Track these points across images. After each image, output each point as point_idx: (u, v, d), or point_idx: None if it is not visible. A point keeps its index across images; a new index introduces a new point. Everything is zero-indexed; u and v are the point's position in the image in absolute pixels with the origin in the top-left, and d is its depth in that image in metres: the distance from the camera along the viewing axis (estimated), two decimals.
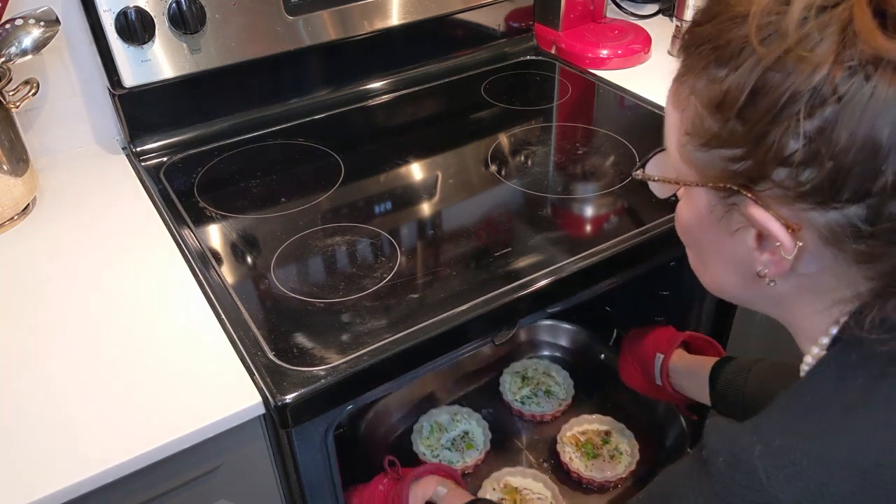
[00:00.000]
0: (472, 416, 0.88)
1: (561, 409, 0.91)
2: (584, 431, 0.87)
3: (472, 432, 0.87)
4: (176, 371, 0.55)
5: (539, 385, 0.94)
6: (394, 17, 0.90)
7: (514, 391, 0.93)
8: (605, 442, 0.86)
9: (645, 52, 1.04)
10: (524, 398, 0.92)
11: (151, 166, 0.82)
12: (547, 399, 0.92)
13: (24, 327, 0.60)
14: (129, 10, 0.73)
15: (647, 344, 0.79)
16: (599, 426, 0.88)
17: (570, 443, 0.85)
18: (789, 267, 0.36)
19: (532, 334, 1.01)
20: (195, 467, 0.54)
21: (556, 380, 0.95)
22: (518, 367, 0.97)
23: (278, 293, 0.62)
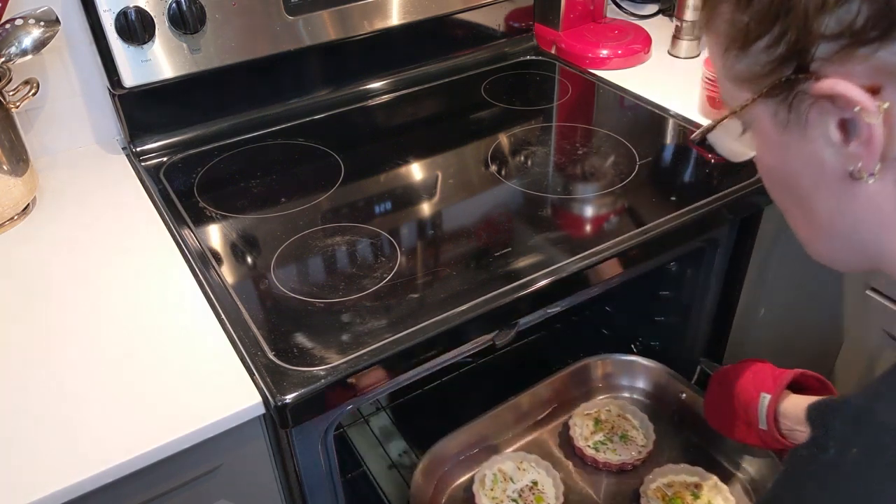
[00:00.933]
0: (541, 464, 0.78)
1: (641, 458, 0.80)
2: (671, 484, 0.76)
3: (542, 483, 0.77)
4: (176, 371, 0.55)
5: (614, 429, 0.83)
6: (394, 17, 0.90)
7: (587, 436, 0.82)
8: (696, 497, 0.75)
9: (645, 52, 1.04)
10: (598, 444, 0.81)
11: (151, 166, 0.82)
12: (624, 445, 0.81)
13: (24, 327, 0.60)
14: (129, 10, 0.73)
15: (746, 383, 0.68)
16: (687, 477, 0.76)
17: (656, 497, 0.74)
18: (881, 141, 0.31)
19: (603, 371, 0.91)
20: (195, 467, 0.54)
21: (633, 423, 0.84)
22: (589, 409, 0.85)
23: (278, 293, 0.62)
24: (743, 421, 0.69)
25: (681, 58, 1.04)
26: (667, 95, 0.93)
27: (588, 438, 0.82)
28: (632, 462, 0.79)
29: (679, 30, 1.03)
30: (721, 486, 0.75)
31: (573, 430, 0.83)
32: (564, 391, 0.87)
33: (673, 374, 0.86)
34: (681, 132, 0.86)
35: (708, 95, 0.87)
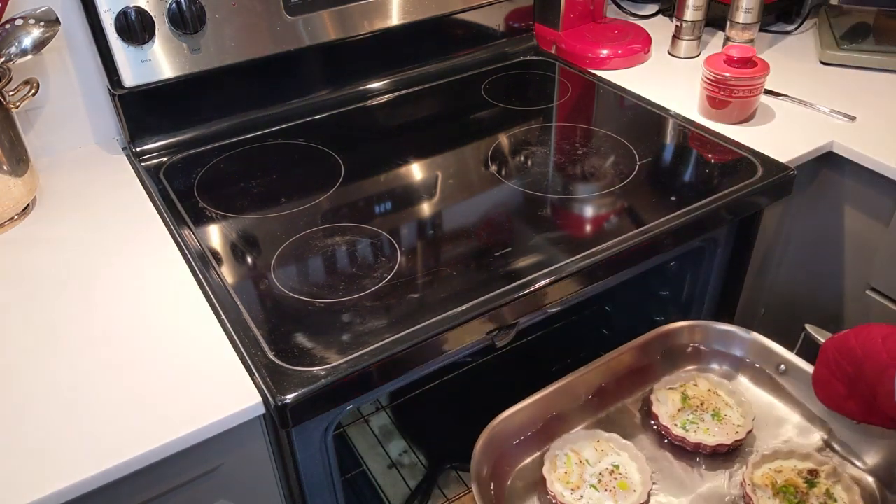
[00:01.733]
0: (621, 444, 0.67)
1: (740, 439, 0.68)
2: (779, 470, 0.64)
3: (625, 466, 0.66)
4: (176, 371, 0.55)
5: (704, 406, 0.71)
6: (394, 17, 0.90)
7: (673, 414, 0.71)
8: (811, 484, 0.63)
9: (645, 52, 1.04)
10: (686, 423, 0.70)
11: (151, 166, 0.83)
12: (718, 424, 0.69)
13: (24, 328, 0.60)
14: (129, 10, 0.73)
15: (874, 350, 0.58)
16: (798, 463, 0.65)
17: (764, 485, 0.63)
18: None
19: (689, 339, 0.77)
20: (195, 467, 0.55)
21: (726, 400, 0.72)
22: (673, 383, 0.74)
23: (278, 293, 0.62)
24: (866, 396, 0.59)
25: (681, 58, 1.04)
26: (667, 95, 0.93)
27: (675, 416, 0.70)
28: (729, 444, 0.67)
29: (679, 30, 1.03)
30: (841, 473, 0.63)
31: (656, 406, 0.71)
32: (643, 361, 0.75)
33: (771, 343, 0.74)
34: (681, 132, 0.86)
35: (708, 96, 0.87)
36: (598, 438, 0.68)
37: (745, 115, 0.87)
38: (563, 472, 0.65)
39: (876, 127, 0.84)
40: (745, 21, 0.98)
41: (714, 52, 0.92)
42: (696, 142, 0.84)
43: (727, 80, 0.84)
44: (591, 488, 0.64)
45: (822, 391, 0.65)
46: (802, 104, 0.90)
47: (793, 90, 0.92)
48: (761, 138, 0.83)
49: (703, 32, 1.04)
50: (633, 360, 0.75)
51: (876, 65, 0.97)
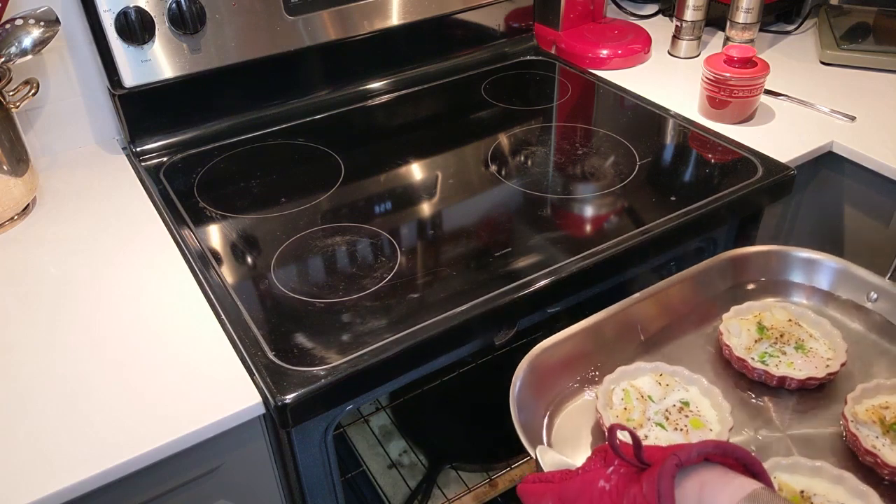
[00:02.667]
0: (689, 378, 0.57)
1: (833, 371, 0.57)
2: (886, 406, 0.54)
3: (695, 403, 0.55)
4: (176, 371, 0.55)
5: (785, 338, 0.60)
6: (394, 17, 0.90)
7: (749, 346, 0.60)
8: None
9: (645, 52, 1.04)
10: (765, 356, 0.59)
11: (151, 166, 0.83)
12: (803, 357, 0.59)
13: (23, 327, 0.60)
14: (129, 10, 0.73)
15: None
16: None
17: (871, 421, 0.53)
18: None
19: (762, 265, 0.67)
20: (195, 467, 0.55)
21: (810, 331, 0.61)
22: (745, 312, 0.63)
23: (278, 293, 0.62)
24: None
25: (681, 58, 1.04)
26: (667, 95, 0.93)
27: (751, 349, 0.60)
28: (821, 378, 0.57)
29: (679, 30, 1.03)
30: None
31: (727, 337, 0.60)
32: (706, 294, 0.65)
33: (858, 269, 0.65)
34: (681, 132, 0.86)
35: (708, 96, 0.87)
36: (660, 372, 0.57)
37: (745, 115, 0.87)
38: (623, 409, 0.55)
39: (876, 127, 0.84)
40: (745, 21, 0.98)
41: (714, 52, 0.92)
42: (696, 142, 0.84)
43: (727, 80, 0.84)
44: (658, 427, 0.53)
45: None
46: (802, 104, 0.90)
47: (793, 90, 0.92)
48: (761, 138, 0.83)
49: (703, 32, 1.04)
50: (694, 291, 0.65)
51: (876, 65, 0.97)
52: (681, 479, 0.35)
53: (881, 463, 0.50)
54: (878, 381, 0.56)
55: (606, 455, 0.38)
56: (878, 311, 0.64)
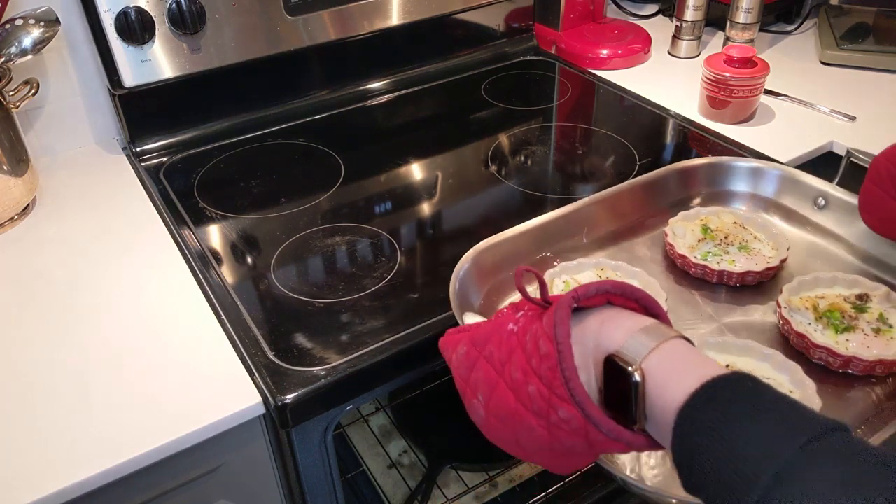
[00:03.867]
0: (630, 272, 0.57)
1: (772, 267, 0.58)
2: (822, 297, 0.55)
3: None
4: (176, 371, 0.55)
5: (729, 239, 0.61)
6: (394, 17, 0.90)
7: (692, 245, 0.61)
8: (861, 310, 0.53)
9: (645, 52, 1.04)
10: (707, 255, 0.60)
11: (151, 166, 0.83)
12: (746, 256, 0.59)
13: (23, 328, 0.60)
14: (129, 10, 0.73)
15: None
16: (844, 290, 0.55)
17: (804, 308, 0.53)
18: None
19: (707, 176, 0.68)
20: (195, 467, 0.55)
21: (755, 234, 0.62)
22: (692, 217, 0.64)
23: (278, 293, 0.62)
24: None
25: (681, 58, 1.04)
26: (667, 95, 0.93)
27: (694, 248, 0.61)
28: (759, 272, 0.57)
29: (679, 30, 1.03)
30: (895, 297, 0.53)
31: (671, 238, 0.62)
32: (655, 203, 0.66)
33: (806, 175, 0.65)
34: (681, 132, 0.86)
35: (708, 96, 0.87)
36: (602, 267, 0.58)
37: (745, 115, 0.87)
38: None
39: (876, 127, 0.84)
40: (745, 21, 0.98)
41: (714, 52, 0.92)
42: (696, 142, 0.84)
43: (727, 80, 0.84)
44: None
45: (872, 213, 0.56)
46: (802, 104, 0.90)
47: (793, 90, 0.92)
48: (761, 138, 0.83)
49: (703, 32, 1.04)
50: (642, 201, 0.66)
51: (876, 65, 0.97)
52: (584, 317, 0.36)
53: (810, 344, 0.51)
54: (817, 274, 0.57)
55: (518, 304, 0.39)
56: (825, 215, 0.64)
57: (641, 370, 0.32)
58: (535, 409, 0.34)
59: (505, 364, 0.36)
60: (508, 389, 0.35)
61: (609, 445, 0.34)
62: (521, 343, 0.36)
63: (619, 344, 0.33)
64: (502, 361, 0.36)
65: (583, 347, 0.34)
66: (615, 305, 0.36)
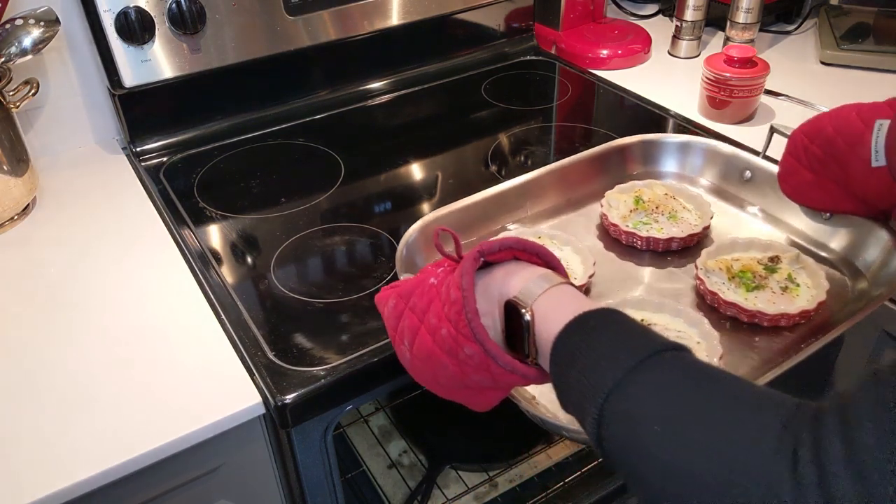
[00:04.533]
0: (564, 239, 0.63)
1: (695, 233, 0.63)
2: (737, 259, 0.59)
3: (567, 259, 0.61)
4: (176, 371, 0.55)
5: (660, 209, 0.66)
6: (394, 17, 0.90)
7: (625, 215, 0.66)
8: (772, 270, 0.57)
9: (645, 52, 1.04)
10: (639, 223, 0.65)
11: (151, 166, 0.83)
12: (674, 224, 0.65)
13: (23, 328, 0.60)
14: (129, 10, 0.73)
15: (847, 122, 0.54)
16: (758, 254, 0.60)
17: (718, 269, 0.58)
18: None
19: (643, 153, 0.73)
20: (195, 467, 0.55)
21: (685, 204, 0.67)
22: (627, 190, 0.69)
23: (278, 293, 0.62)
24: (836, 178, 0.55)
25: (681, 58, 1.05)
26: (667, 95, 0.93)
27: (626, 217, 0.65)
28: (683, 237, 0.62)
29: (679, 30, 1.03)
30: (805, 260, 0.58)
31: (606, 209, 0.66)
32: (593, 178, 0.71)
33: (734, 148, 0.70)
34: (681, 132, 0.86)
35: (708, 96, 0.87)
36: (539, 235, 0.64)
37: (745, 115, 0.87)
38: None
39: None
40: (745, 21, 0.98)
41: (714, 52, 0.92)
42: None
43: (727, 80, 0.84)
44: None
45: (789, 183, 0.60)
46: (802, 104, 0.90)
47: (793, 90, 0.92)
48: (761, 138, 0.83)
49: (703, 32, 1.04)
50: (582, 175, 0.71)
51: (876, 65, 0.97)
52: (492, 270, 0.41)
53: (721, 301, 0.56)
54: (735, 238, 0.61)
55: (439, 261, 0.44)
56: (751, 190, 0.69)
57: (532, 310, 0.37)
58: (447, 349, 0.39)
59: (425, 312, 0.41)
60: (427, 334, 0.41)
61: (508, 377, 0.39)
62: (438, 293, 0.41)
63: (516, 290, 0.39)
64: (423, 310, 0.41)
65: (489, 296, 0.40)
66: (521, 260, 0.41)
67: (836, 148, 0.55)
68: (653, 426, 0.29)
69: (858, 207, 0.57)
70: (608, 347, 0.33)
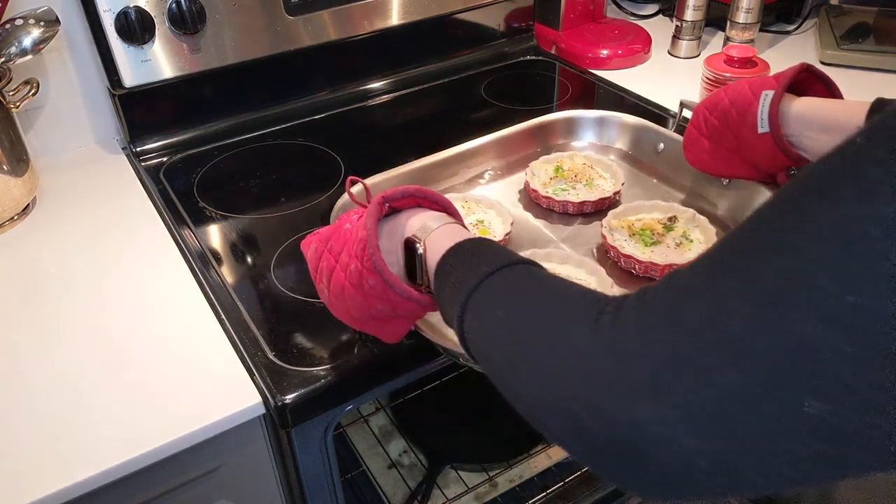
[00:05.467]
0: (489, 203, 0.69)
1: (606, 197, 0.70)
2: (640, 219, 0.66)
3: (490, 221, 0.68)
4: (176, 371, 0.55)
5: (578, 177, 0.74)
6: (394, 17, 0.90)
7: (545, 182, 0.73)
8: (669, 228, 0.65)
9: (645, 52, 1.04)
10: (558, 190, 0.72)
11: (151, 166, 0.83)
12: (589, 190, 0.72)
13: (24, 328, 0.60)
14: (129, 10, 0.73)
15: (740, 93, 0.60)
16: (660, 214, 0.67)
17: (619, 228, 0.65)
18: None
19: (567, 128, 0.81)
20: (195, 467, 0.55)
21: (601, 173, 0.74)
22: (552, 160, 0.76)
23: (278, 293, 0.62)
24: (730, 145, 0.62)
25: (681, 58, 1.04)
26: (667, 95, 0.93)
27: (547, 185, 0.73)
28: (594, 201, 0.70)
29: (679, 30, 1.03)
30: (700, 219, 0.65)
31: (529, 177, 0.74)
32: (521, 153, 0.80)
33: (648, 122, 0.79)
34: (681, 132, 0.86)
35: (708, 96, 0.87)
36: (466, 199, 0.71)
37: None
38: None
39: None
40: (745, 21, 0.98)
41: (714, 52, 0.92)
42: None
43: (727, 81, 0.84)
44: None
45: (690, 151, 0.67)
46: None
47: None
48: None
49: (703, 32, 1.04)
50: (511, 146, 0.79)
51: (876, 65, 0.97)
52: (398, 216, 0.47)
53: (619, 254, 0.63)
54: (640, 202, 0.68)
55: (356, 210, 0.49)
56: (663, 161, 0.77)
57: (424, 244, 0.43)
58: (355, 282, 0.44)
59: (340, 253, 0.46)
60: (341, 271, 0.46)
61: (406, 304, 0.44)
62: (351, 236, 0.46)
63: (414, 229, 0.44)
64: (338, 251, 0.46)
65: (393, 236, 0.46)
66: (423, 207, 0.47)
67: (730, 118, 0.61)
68: (496, 312, 0.36)
69: (751, 173, 0.63)
70: (474, 263, 0.39)
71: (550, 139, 0.82)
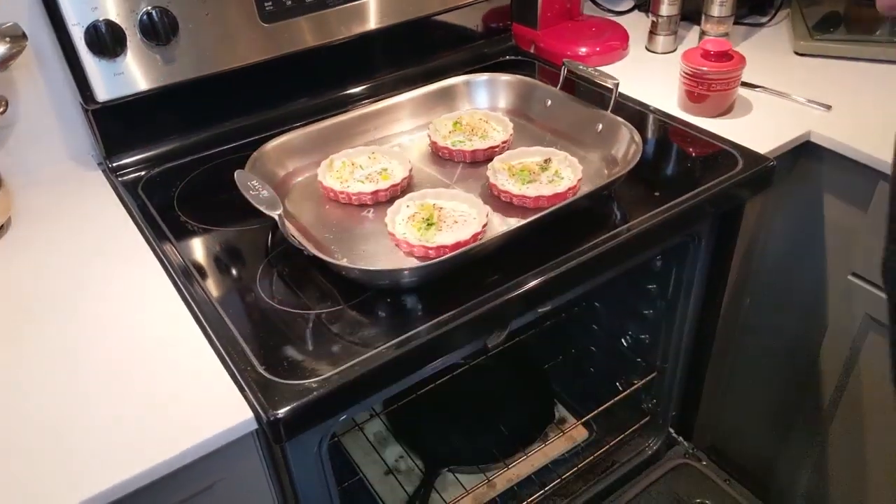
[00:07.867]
0: (393, 154, 0.79)
1: (494, 146, 0.80)
2: (521, 163, 0.76)
3: (392, 169, 0.77)
4: (164, 390, 0.54)
5: (475, 131, 0.83)
6: (371, 21, 0.90)
7: (445, 135, 0.83)
8: (544, 169, 0.75)
9: (623, 49, 1.04)
10: (456, 142, 0.81)
11: (129, 181, 0.81)
12: (482, 141, 0.82)
13: (4, 352, 0.58)
14: (99, 24, 0.72)
15: None
16: (539, 158, 0.77)
17: (502, 170, 0.75)
18: None
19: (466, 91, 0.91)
20: (190, 486, 0.54)
21: (495, 126, 0.84)
22: (452, 116, 0.86)
23: (265, 306, 0.61)
24: None
25: (658, 53, 1.05)
26: (646, 91, 0.93)
27: (446, 137, 0.82)
28: (484, 149, 0.80)
29: (655, 25, 1.04)
30: (571, 160, 0.75)
31: (431, 132, 0.83)
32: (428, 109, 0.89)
33: (538, 83, 0.90)
34: (661, 127, 0.87)
35: (686, 90, 0.88)
36: (373, 151, 0.79)
37: (723, 108, 0.88)
38: (338, 171, 0.77)
39: (851, 115, 0.86)
40: (719, 14, 0.99)
41: (690, 46, 0.93)
42: (677, 136, 0.85)
43: (705, 74, 0.85)
44: (357, 182, 0.75)
45: None
46: (779, 95, 0.91)
47: (769, 81, 0.93)
48: (740, 131, 0.84)
49: (678, 27, 1.05)
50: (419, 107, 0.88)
51: (849, 53, 0.98)
52: None
53: (499, 190, 0.73)
54: (523, 148, 0.78)
55: None
56: (552, 112, 0.87)
57: None
58: None
59: None
60: None
61: None
62: None
63: None
64: None
65: None
66: None
67: None
68: None
69: None
70: None
71: (457, 103, 0.91)
